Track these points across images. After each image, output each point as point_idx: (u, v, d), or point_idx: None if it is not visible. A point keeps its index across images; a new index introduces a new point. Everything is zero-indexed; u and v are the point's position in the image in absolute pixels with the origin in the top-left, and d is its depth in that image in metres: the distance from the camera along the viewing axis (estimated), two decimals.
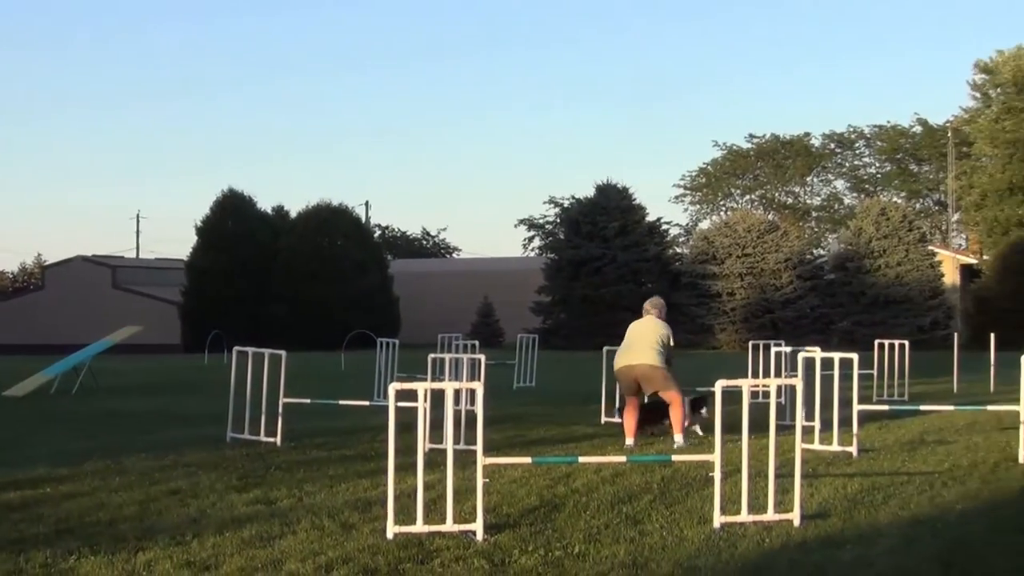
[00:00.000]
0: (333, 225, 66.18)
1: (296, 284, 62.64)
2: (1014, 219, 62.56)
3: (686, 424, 15.74)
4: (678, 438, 15.48)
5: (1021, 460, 13.03)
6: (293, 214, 68.00)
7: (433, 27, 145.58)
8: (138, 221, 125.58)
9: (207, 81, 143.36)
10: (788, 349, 19.69)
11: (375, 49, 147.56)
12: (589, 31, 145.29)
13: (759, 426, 10.46)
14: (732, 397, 9.88)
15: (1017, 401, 13.72)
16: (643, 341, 15.72)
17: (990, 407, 16.99)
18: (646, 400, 16.16)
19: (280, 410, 15.32)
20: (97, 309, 61.59)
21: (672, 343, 15.87)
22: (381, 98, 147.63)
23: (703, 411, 16.41)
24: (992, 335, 27.07)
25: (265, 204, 69.77)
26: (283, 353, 15.83)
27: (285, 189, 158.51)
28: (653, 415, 16.25)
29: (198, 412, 20.26)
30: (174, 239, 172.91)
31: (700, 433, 16.25)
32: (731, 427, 9.97)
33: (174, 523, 9.65)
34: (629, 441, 15.58)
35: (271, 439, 15.09)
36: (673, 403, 15.58)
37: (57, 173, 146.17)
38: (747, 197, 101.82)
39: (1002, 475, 12.16)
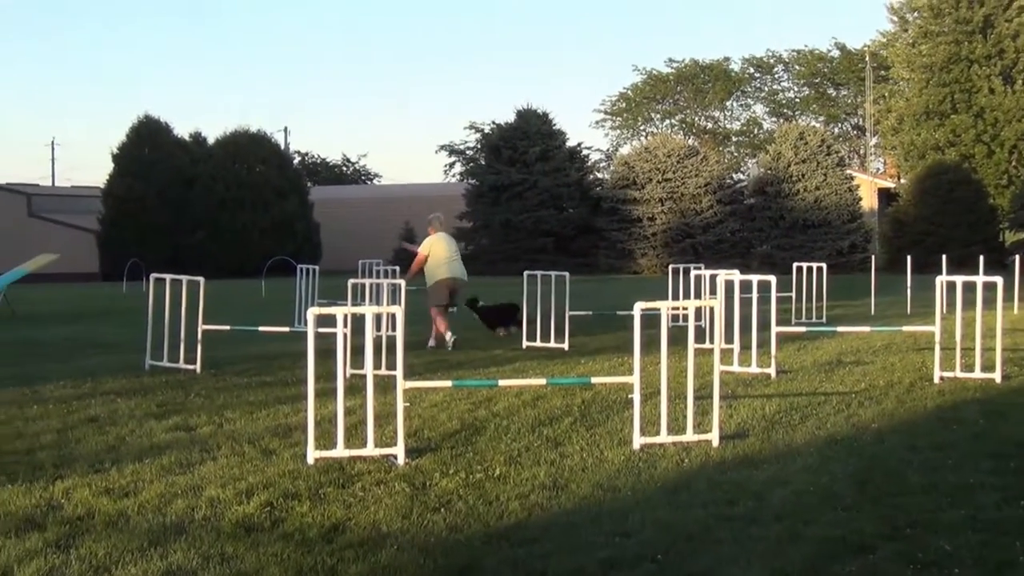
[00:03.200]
0: (251, 151, 65.54)
1: (215, 211, 62.14)
2: (930, 143, 63.05)
3: (502, 332, 20.10)
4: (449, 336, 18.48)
5: (936, 380, 13.23)
6: (211, 140, 67.22)
7: None
8: (53, 148, 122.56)
9: (122, 3, 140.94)
10: (708, 273, 19.78)
11: None
12: None
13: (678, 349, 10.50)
14: (651, 320, 9.90)
15: (932, 322, 13.91)
16: (457, 257, 18.97)
17: (906, 328, 17.26)
18: (479, 304, 20.61)
19: (199, 337, 15.22)
20: (12, 238, 60.33)
21: None
22: (301, 23, 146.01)
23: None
24: (908, 257, 27.44)
25: (182, 131, 69.10)
26: (201, 280, 15.64)
27: (202, 116, 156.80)
28: (507, 316, 20.23)
29: (116, 340, 20.07)
30: (90, 167, 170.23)
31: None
32: (650, 349, 10.00)
33: (92, 451, 9.57)
34: (452, 337, 18.29)
35: (191, 366, 14.99)
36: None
37: None
38: (667, 122, 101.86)
39: (917, 395, 12.33)
